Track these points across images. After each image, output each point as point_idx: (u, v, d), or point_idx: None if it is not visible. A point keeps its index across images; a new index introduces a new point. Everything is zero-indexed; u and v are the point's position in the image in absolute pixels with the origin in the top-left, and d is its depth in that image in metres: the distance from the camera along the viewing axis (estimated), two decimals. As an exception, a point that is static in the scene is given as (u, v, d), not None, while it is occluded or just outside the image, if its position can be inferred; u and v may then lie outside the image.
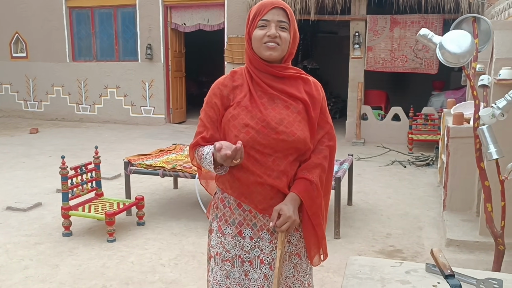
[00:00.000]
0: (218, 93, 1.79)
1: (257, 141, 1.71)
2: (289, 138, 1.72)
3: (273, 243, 1.81)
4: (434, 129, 7.86)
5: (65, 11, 10.87)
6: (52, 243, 4.00)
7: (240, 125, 1.72)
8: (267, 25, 1.71)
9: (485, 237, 3.82)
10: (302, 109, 1.78)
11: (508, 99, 2.78)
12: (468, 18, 3.06)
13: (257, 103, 1.73)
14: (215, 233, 1.88)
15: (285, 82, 1.78)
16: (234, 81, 1.81)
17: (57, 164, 6.53)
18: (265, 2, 1.74)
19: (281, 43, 1.72)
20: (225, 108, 1.78)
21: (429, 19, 8.28)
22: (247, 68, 1.81)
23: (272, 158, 1.74)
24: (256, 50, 1.74)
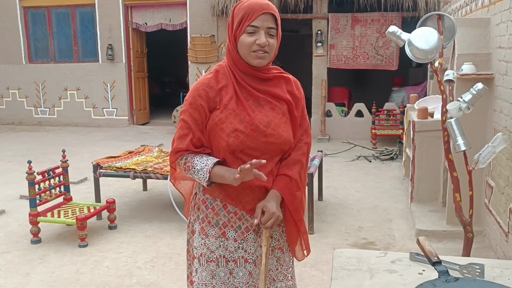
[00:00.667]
0: (204, 95, 1.73)
1: (247, 145, 1.71)
2: (276, 140, 1.74)
3: (258, 243, 1.83)
4: (396, 124, 8.09)
5: (20, 11, 10.47)
6: (21, 251, 3.86)
7: (229, 129, 1.69)
8: (256, 32, 1.67)
9: (452, 226, 3.99)
10: (286, 109, 1.79)
11: (473, 93, 2.91)
12: (433, 15, 3.18)
13: (244, 106, 1.72)
14: (198, 235, 1.86)
15: (269, 83, 1.78)
16: (218, 82, 1.76)
17: (18, 170, 6.32)
18: (254, 6, 1.67)
19: (269, 50, 1.70)
20: (210, 111, 1.73)
21: (388, 17, 8.51)
22: (230, 68, 1.76)
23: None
24: (243, 56, 1.71)
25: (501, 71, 3.55)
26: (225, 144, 1.69)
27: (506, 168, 3.35)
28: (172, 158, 1.81)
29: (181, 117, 1.78)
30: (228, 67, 1.77)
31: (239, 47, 1.71)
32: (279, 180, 1.81)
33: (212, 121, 1.72)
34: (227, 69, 1.77)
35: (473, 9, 4.69)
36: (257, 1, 1.68)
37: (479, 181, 3.87)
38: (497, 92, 3.64)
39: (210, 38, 9.48)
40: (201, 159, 1.74)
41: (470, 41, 3.94)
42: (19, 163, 6.84)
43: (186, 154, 1.76)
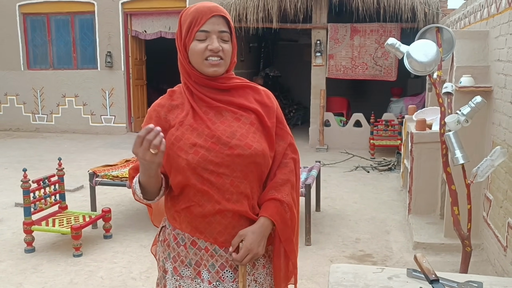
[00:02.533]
0: (154, 116, 1.57)
1: (209, 160, 1.48)
2: (245, 151, 1.50)
3: (237, 282, 1.56)
4: (394, 134, 8.08)
5: (19, 18, 10.49)
6: (14, 260, 3.82)
7: (187, 145, 1.49)
8: (208, 37, 1.50)
9: (450, 239, 3.96)
10: (254, 119, 1.58)
11: (472, 106, 2.90)
12: (431, 28, 3.18)
13: (203, 119, 1.52)
14: (170, 275, 1.61)
15: (231, 93, 1.59)
16: (172, 100, 1.59)
17: (14, 177, 6.28)
18: (202, 9, 1.50)
19: (224, 56, 1.52)
20: (165, 131, 1.51)
21: (387, 28, 8.54)
22: (185, 83, 1.59)
23: (230, 179, 1.50)
24: (196, 66, 1.53)
25: (499, 84, 3.54)
26: (185, 162, 1.48)
27: (504, 181, 3.33)
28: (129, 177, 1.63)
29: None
30: (184, 83, 1.59)
31: (191, 56, 1.53)
32: (268, 205, 1.56)
33: (168, 141, 1.49)
34: (183, 87, 1.60)
35: (471, 21, 4.70)
36: (204, 4, 1.52)
37: (478, 194, 3.85)
38: (495, 105, 3.63)
39: (209, 46, 9.48)
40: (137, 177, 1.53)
41: (469, 54, 3.94)
42: (15, 170, 6.80)
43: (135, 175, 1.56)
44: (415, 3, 8.00)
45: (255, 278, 1.62)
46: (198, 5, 1.53)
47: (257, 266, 1.62)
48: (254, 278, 1.62)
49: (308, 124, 9.26)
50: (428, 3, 8.04)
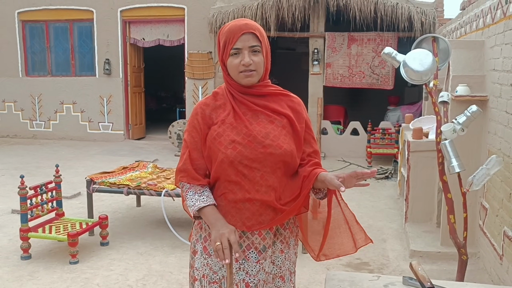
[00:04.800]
0: (200, 113, 1.80)
1: (245, 155, 1.71)
2: (276, 151, 1.73)
3: (260, 263, 1.78)
4: (391, 143, 8.11)
5: (18, 25, 10.51)
6: (10, 267, 3.80)
7: (227, 141, 1.72)
8: (240, 53, 1.72)
9: (446, 247, 3.97)
10: (286, 123, 1.79)
11: (468, 115, 2.92)
12: (428, 37, 3.21)
13: (242, 119, 1.74)
14: (200, 255, 1.83)
15: (267, 99, 1.80)
16: (216, 101, 1.81)
17: (11, 184, 6.27)
18: (234, 28, 1.72)
19: (256, 68, 1.73)
20: (208, 127, 1.77)
21: (384, 37, 8.60)
22: (227, 88, 1.82)
23: (260, 172, 1.73)
24: (234, 77, 1.76)
25: (495, 93, 3.57)
26: (223, 156, 1.70)
27: (500, 190, 3.35)
28: (176, 178, 1.86)
29: (183, 137, 1.86)
30: (226, 88, 1.83)
31: (229, 70, 1.76)
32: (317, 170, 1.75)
33: (210, 136, 1.75)
34: (225, 90, 1.83)
35: (467, 31, 4.74)
36: (236, 23, 1.74)
37: (474, 202, 3.87)
38: (491, 114, 3.66)
39: (207, 54, 9.53)
40: (192, 196, 1.77)
41: (465, 63, 3.97)
42: (12, 177, 6.78)
43: (185, 181, 1.79)
44: (412, 12, 8.07)
45: (273, 261, 1.84)
46: (231, 24, 1.76)
47: (274, 250, 1.83)
48: (272, 260, 1.84)
49: (305, 132, 9.27)
50: (424, 12, 8.11)
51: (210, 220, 1.71)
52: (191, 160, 1.78)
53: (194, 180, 1.77)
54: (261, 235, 1.77)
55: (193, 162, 1.78)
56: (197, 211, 1.74)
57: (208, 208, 1.73)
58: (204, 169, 1.80)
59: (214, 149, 1.74)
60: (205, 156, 1.78)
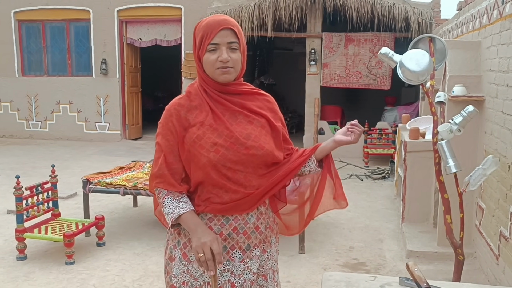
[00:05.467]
0: (175, 114, 1.71)
1: (228, 158, 1.67)
2: (258, 152, 1.70)
3: (245, 262, 1.76)
4: (388, 143, 8.11)
5: (14, 25, 10.48)
6: (6, 268, 3.79)
7: (208, 144, 1.66)
8: (217, 49, 1.66)
9: (443, 248, 3.97)
10: (264, 123, 1.77)
11: (464, 115, 2.92)
12: (424, 38, 3.21)
13: (222, 120, 1.69)
14: (179, 261, 1.76)
15: (243, 97, 1.76)
16: (191, 101, 1.74)
17: (6, 184, 6.24)
18: (212, 23, 1.67)
19: (234, 65, 1.69)
20: (184, 129, 1.70)
21: (381, 37, 8.61)
22: (202, 87, 1.75)
23: (243, 174, 1.70)
24: (210, 74, 1.70)
25: (491, 94, 3.58)
26: (206, 159, 1.65)
27: (496, 190, 3.35)
28: (150, 184, 1.78)
29: (156, 140, 1.76)
30: (200, 86, 1.76)
31: (204, 66, 1.70)
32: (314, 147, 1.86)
33: (189, 139, 1.69)
34: (199, 89, 1.75)
35: (464, 31, 4.75)
36: (214, 18, 1.69)
37: (470, 203, 3.87)
38: (487, 115, 3.67)
39: (204, 54, 9.51)
40: (170, 203, 1.70)
41: (461, 64, 3.98)
42: (8, 177, 6.76)
43: (161, 187, 1.71)
44: (409, 13, 8.08)
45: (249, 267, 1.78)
46: (209, 19, 1.70)
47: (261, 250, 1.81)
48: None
49: (302, 132, 9.29)
50: (421, 13, 8.12)
51: (190, 226, 1.66)
52: (167, 164, 1.70)
53: (172, 186, 1.70)
54: (246, 234, 1.75)
55: (169, 166, 1.70)
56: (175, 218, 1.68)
57: (187, 214, 1.67)
58: (181, 174, 1.72)
59: (194, 153, 1.68)
60: (183, 160, 1.71)
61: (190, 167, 1.71)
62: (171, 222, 1.67)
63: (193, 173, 1.70)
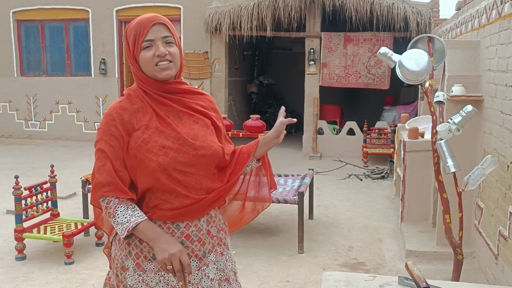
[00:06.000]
0: (118, 118, 1.62)
1: (178, 160, 1.61)
2: (207, 152, 1.66)
3: (202, 270, 1.70)
4: (387, 143, 8.12)
5: (13, 24, 10.47)
6: (5, 268, 3.78)
7: (156, 147, 1.59)
8: (153, 45, 1.62)
9: (442, 247, 3.97)
10: (209, 122, 1.74)
11: (463, 115, 2.93)
12: (423, 37, 3.21)
13: (167, 122, 1.63)
14: (133, 271, 1.66)
15: (186, 96, 1.72)
16: (133, 104, 1.66)
17: (5, 184, 6.23)
18: (143, 21, 1.63)
19: (173, 59, 1.64)
20: (128, 134, 1.62)
21: (380, 37, 8.61)
22: (142, 89, 1.68)
23: (194, 177, 1.65)
24: (149, 73, 1.64)
25: (490, 94, 3.58)
26: (155, 164, 1.58)
27: (495, 190, 3.35)
28: (94, 195, 1.64)
29: (96, 147, 1.64)
30: (140, 88, 1.69)
31: (142, 66, 1.64)
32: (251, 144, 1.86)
33: (134, 144, 1.60)
34: (139, 91, 1.68)
35: (463, 31, 4.75)
36: (144, 16, 1.66)
37: (469, 202, 3.87)
38: (486, 114, 3.67)
39: (203, 54, 9.52)
40: (125, 212, 1.59)
41: (460, 63, 3.98)
42: (6, 177, 6.75)
43: (111, 195, 1.60)
44: (408, 12, 8.08)
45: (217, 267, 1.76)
46: (139, 18, 1.67)
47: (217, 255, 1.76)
48: (216, 266, 1.75)
49: (301, 132, 9.29)
50: (420, 13, 8.12)
51: (150, 235, 1.58)
52: (116, 171, 1.59)
53: (124, 194, 1.60)
54: (201, 241, 1.69)
55: (118, 173, 1.60)
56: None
57: (145, 223, 1.59)
58: (128, 180, 1.63)
59: (141, 158, 1.59)
60: (128, 166, 1.62)
61: (136, 173, 1.62)
62: (127, 232, 1.57)
63: (141, 180, 1.62)
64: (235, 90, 10.59)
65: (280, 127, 1.77)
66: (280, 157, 8.37)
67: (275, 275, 3.68)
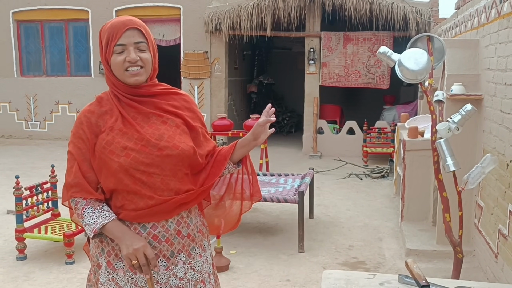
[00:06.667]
0: (85, 121, 1.66)
1: (140, 161, 1.61)
2: (173, 152, 1.64)
3: (170, 269, 1.69)
4: (387, 142, 8.13)
5: (13, 25, 10.48)
6: (6, 268, 3.79)
7: (118, 149, 1.61)
8: (125, 50, 1.63)
9: (442, 246, 3.98)
10: (180, 122, 1.72)
11: (463, 114, 2.93)
12: (422, 37, 3.22)
13: (131, 124, 1.65)
14: (104, 269, 1.68)
15: (157, 98, 1.72)
16: (101, 107, 1.69)
17: (6, 184, 6.24)
18: (117, 24, 1.63)
19: (144, 65, 1.65)
20: (96, 136, 1.65)
21: (380, 36, 8.62)
22: (112, 92, 1.71)
23: (160, 177, 1.64)
24: (119, 77, 1.66)
25: (490, 92, 3.59)
26: (117, 165, 1.60)
27: (495, 189, 3.36)
28: (64, 196, 1.69)
29: (68, 149, 1.69)
30: (110, 91, 1.72)
31: (113, 69, 1.66)
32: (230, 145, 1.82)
33: (99, 145, 1.63)
34: (110, 94, 1.71)
35: (462, 30, 4.76)
36: (119, 19, 1.66)
37: (469, 201, 3.88)
38: (486, 113, 3.68)
39: (203, 54, 9.53)
40: (92, 213, 1.62)
41: (460, 62, 3.99)
42: (7, 177, 6.76)
43: (78, 196, 1.63)
44: (407, 12, 8.09)
45: (193, 267, 1.75)
46: (113, 21, 1.67)
47: (193, 256, 1.75)
48: (192, 266, 1.75)
49: (301, 132, 9.30)
50: (420, 12, 8.13)
51: (116, 234, 1.60)
52: (82, 173, 1.63)
53: (90, 194, 1.63)
54: (169, 241, 1.68)
55: (84, 175, 1.63)
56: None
57: (111, 223, 1.61)
58: (95, 182, 1.65)
59: (105, 159, 1.62)
60: (95, 168, 1.64)
61: (101, 174, 1.64)
62: (93, 233, 1.60)
63: (105, 180, 1.64)
64: (235, 89, 10.60)
65: (257, 128, 1.72)
66: (280, 157, 8.38)
67: (275, 274, 3.69)
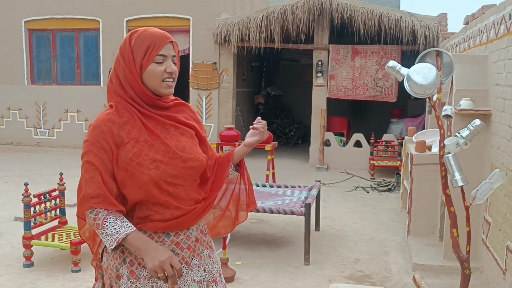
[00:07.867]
0: (107, 131, 1.63)
1: (169, 173, 1.65)
2: (195, 163, 1.72)
3: (189, 275, 1.74)
4: (394, 155, 8.11)
5: (24, 33, 10.62)
6: (12, 274, 3.81)
7: (147, 161, 1.62)
8: (165, 61, 1.67)
9: (449, 261, 3.95)
10: (193, 133, 1.80)
11: (471, 129, 2.93)
12: (431, 51, 3.23)
13: (156, 135, 1.67)
14: (126, 279, 1.68)
15: (171, 110, 1.77)
16: (121, 116, 1.66)
17: (14, 191, 6.28)
18: (159, 35, 1.68)
19: (175, 78, 1.72)
20: (117, 147, 1.63)
21: (388, 50, 8.64)
22: (129, 102, 1.68)
23: (183, 188, 1.70)
24: (151, 86, 1.67)
25: (498, 108, 3.59)
26: (147, 177, 1.62)
27: (503, 204, 3.34)
28: (81, 208, 1.64)
29: (84, 159, 1.64)
30: (126, 101, 1.68)
31: (147, 77, 1.66)
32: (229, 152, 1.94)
33: (125, 157, 1.62)
34: (126, 103, 1.68)
35: (471, 46, 4.77)
36: (157, 30, 1.71)
37: (477, 216, 3.86)
38: (494, 129, 3.67)
39: (212, 65, 9.59)
40: (114, 223, 1.59)
41: (468, 77, 3.99)
42: (15, 184, 6.81)
43: (100, 207, 1.60)
44: (416, 26, 8.12)
45: (205, 268, 1.80)
46: (151, 30, 1.70)
47: (203, 258, 1.81)
48: (204, 268, 1.80)
49: (308, 143, 9.30)
50: (428, 26, 8.15)
51: (139, 245, 1.58)
52: (105, 183, 1.60)
53: (113, 206, 1.61)
54: (190, 248, 1.74)
55: (106, 185, 1.61)
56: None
57: (134, 234, 1.60)
58: (117, 193, 1.64)
59: (132, 171, 1.61)
60: (118, 179, 1.63)
61: (126, 186, 1.64)
62: (116, 243, 1.57)
63: (131, 192, 1.64)
64: (242, 100, 10.65)
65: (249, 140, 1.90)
66: (287, 168, 8.38)
67: (281, 287, 3.67)
